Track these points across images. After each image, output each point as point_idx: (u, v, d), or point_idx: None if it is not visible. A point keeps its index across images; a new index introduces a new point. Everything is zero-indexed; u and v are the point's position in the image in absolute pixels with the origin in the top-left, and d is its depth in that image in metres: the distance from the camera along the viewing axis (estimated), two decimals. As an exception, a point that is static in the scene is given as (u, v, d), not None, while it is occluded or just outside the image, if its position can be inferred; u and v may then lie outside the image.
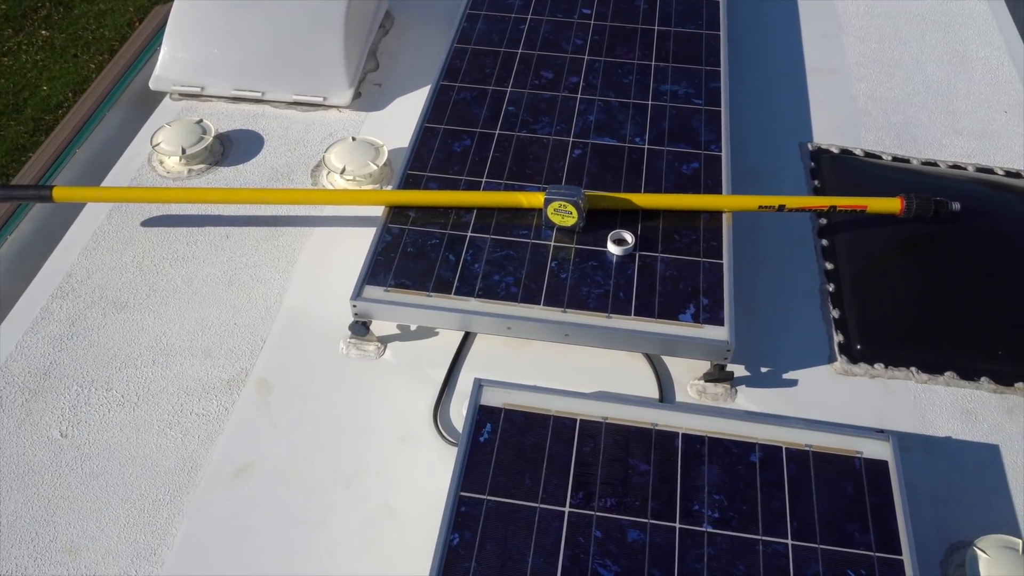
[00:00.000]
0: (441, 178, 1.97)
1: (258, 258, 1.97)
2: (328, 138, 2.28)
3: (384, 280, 1.76)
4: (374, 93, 2.41)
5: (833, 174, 2.17)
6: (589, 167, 2.00)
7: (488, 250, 1.81)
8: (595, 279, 1.76)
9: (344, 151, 2.13)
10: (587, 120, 2.12)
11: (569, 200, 1.80)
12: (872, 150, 2.26)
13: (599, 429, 1.53)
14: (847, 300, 1.88)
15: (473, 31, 2.39)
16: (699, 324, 1.68)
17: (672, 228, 1.86)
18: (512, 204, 1.88)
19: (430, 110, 2.15)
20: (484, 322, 1.71)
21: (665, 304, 1.71)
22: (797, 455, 1.50)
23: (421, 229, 1.86)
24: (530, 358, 1.78)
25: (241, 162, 2.21)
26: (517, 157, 2.02)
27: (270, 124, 2.31)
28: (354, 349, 1.79)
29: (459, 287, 1.74)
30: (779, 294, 1.91)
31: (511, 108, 2.15)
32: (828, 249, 1.99)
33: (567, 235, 1.85)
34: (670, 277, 1.76)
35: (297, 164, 2.20)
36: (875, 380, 1.76)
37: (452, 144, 2.06)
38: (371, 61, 2.50)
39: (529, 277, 1.76)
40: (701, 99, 2.19)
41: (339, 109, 2.36)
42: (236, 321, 1.84)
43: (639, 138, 2.08)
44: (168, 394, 1.72)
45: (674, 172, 1.99)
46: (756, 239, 2.02)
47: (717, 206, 1.88)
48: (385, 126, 2.31)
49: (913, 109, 2.41)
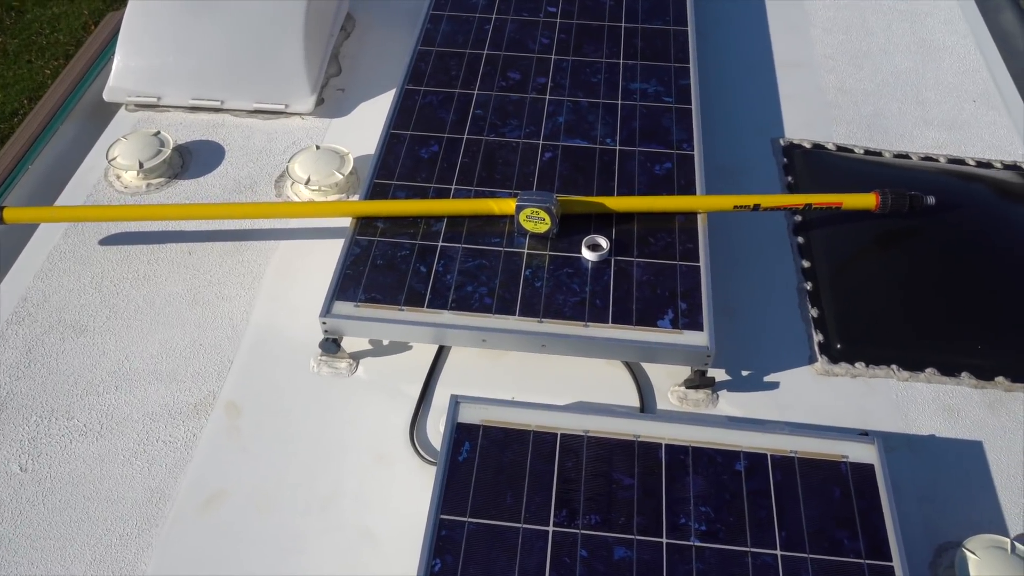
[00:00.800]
0: (409, 186, 1.92)
1: (222, 274, 1.91)
2: (291, 147, 2.21)
3: (354, 295, 1.70)
4: (337, 98, 2.35)
5: (806, 170, 2.15)
6: (560, 170, 1.96)
7: (460, 260, 1.77)
8: (571, 287, 1.72)
9: (308, 160, 2.07)
10: (556, 122, 2.08)
11: (541, 206, 1.76)
12: (844, 144, 2.24)
13: (580, 443, 1.49)
14: (825, 298, 1.86)
15: (437, 32, 2.34)
16: (678, 330, 1.65)
17: (647, 231, 1.83)
18: (483, 212, 1.84)
19: (395, 115, 2.09)
20: (459, 335, 1.66)
21: (643, 310, 1.68)
22: (782, 462, 1.47)
23: (390, 240, 1.81)
24: (507, 369, 1.74)
25: (202, 174, 2.14)
26: (486, 162, 1.98)
27: (231, 134, 2.24)
28: (325, 367, 1.73)
29: (432, 299, 1.70)
30: (757, 294, 1.89)
31: (479, 111, 2.11)
32: (804, 246, 1.97)
33: (540, 242, 1.80)
34: (647, 282, 1.73)
35: (260, 175, 2.14)
36: (856, 379, 1.74)
37: (419, 150, 2.01)
38: (333, 65, 2.44)
39: (503, 287, 1.72)
40: (671, 97, 2.15)
41: (302, 116, 2.29)
42: (202, 342, 1.78)
43: (610, 139, 2.04)
44: (133, 421, 1.65)
45: (647, 173, 1.95)
46: (731, 238, 2.00)
47: (692, 207, 1.85)
48: (350, 133, 2.25)
49: (883, 100, 2.39)
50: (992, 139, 2.28)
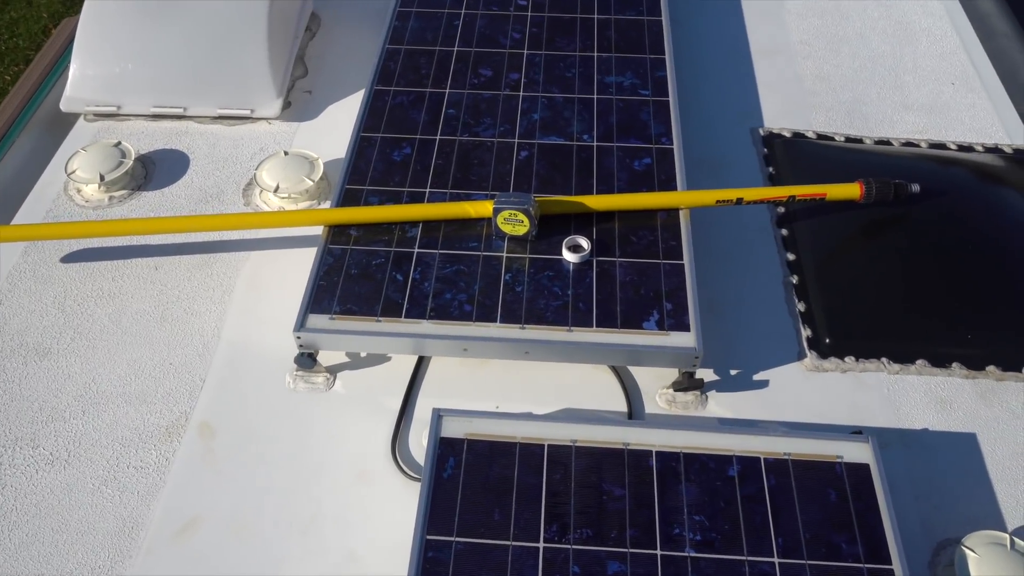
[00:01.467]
0: (382, 191, 1.86)
1: (191, 289, 1.84)
2: (259, 153, 2.14)
3: (329, 307, 1.64)
4: (304, 101, 2.28)
5: (787, 160, 2.11)
6: (537, 169, 1.91)
7: (437, 266, 1.71)
8: (552, 290, 1.67)
9: (276, 167, 2.00)
10: (531, 119, 2.02)
11: (519, 208, 1.70)
12: (824, 132, 2.20)
13: (569, 454, 1.44)
14: (812, 292, 1.82)
15: (405, 30, 2.27)
16: (664, 331, 1.60)
17: (628, 229, 1.78)
18: (459, 215, 1.78)
19: (365, 117, 2.03)
20: (439, 345, 1.61)
21: (627, 312, 1.63)
22: (776, 465, 1.43)
23: (364, 248, 1.75)
24: (490, 377, 1.69)
25: (166, 185, 2.06)
26: (461, 163, 1.92)
27: (195, 142, 2.17)
28: (301, 382, 1.67)
29: (409, 309, 1.64)
30: (742, 289, 1.84)
31: (451, 111, 2.05)
32: (788, 239, 1.93)
33: (519, 244, 1.75)
34: (630, 283, 1.68)
35: (227, 183, 2.07)
36: (847, 374, 1.70)
37: (391, 153, 1.94)
38: (299, 67, 2.37)
39: (483, 293, 1.66)
40: (648, 90, 2.10)
41: (268, 121, 2.22)
42: (171, 360, 1.71)
43: (587, 135, 1.99)
44: (101, 447, 1.59)
45: (626, 169, 1.90)
46: (714, 232, 1.95)
47: (673, 203, 1.80)
48: (319, 136, 2.18)
49: (862, 86, 2.36)
50: (972, 122, 2.25)
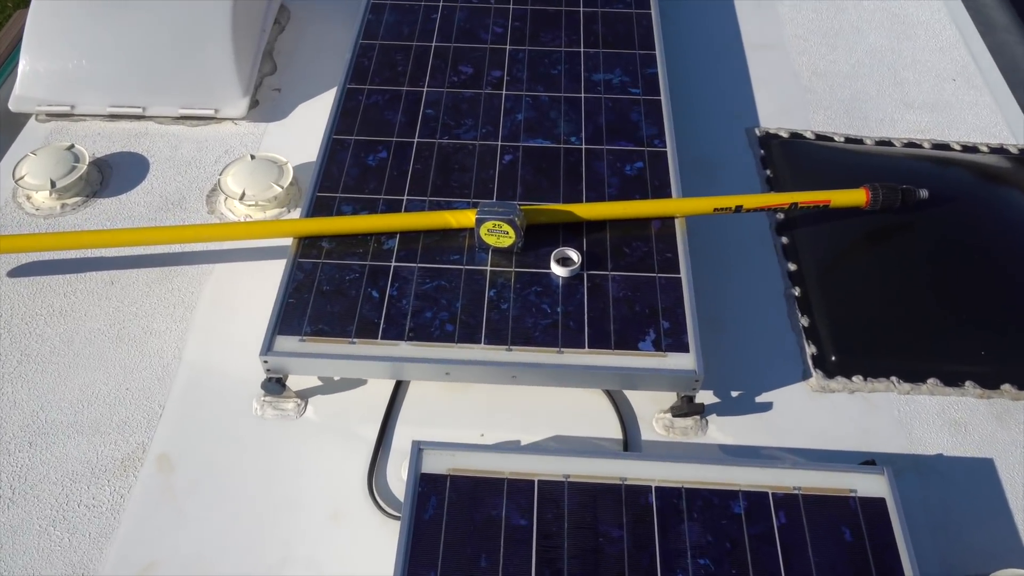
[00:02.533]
0: (356, 199, 1.73)
1: (150, 306, 1.70)
2: (224, 156, 2.00)
3: (298, 327, 1.51)
4: (273, 100, 2.14)
5: (785, 162, 2.00)
6: (522, 175, 1.78)
7: (416, 282, 1.58)
8: (540, 307, 1.55)
9: (242, 172, 1.87)
10: (515, 120, 1.90)
11: (504, 219, 1.58)
12: (823, 132, 2.09)
13: (561, 490, 1.32)
14: (816, 305, 1.71)
15: (380, 24, 2.14)
16: (661, 352, 1.49)
17: (621, 240, 1.66)
18: (439, 225, 1.66)
19: (337, 118, 1.89)
20: (418, 369, 1.48)
21: (622, 332, 1.51)
22: (786, 501, 1.32)
23: (337, 262, 1.62)
24: (474, 402, 1.57)
25: (124, 191, 1.92)
26: (441, 168, 1.79)
27: (155, 144, 2.02)
28: (270, 409, 1.54)
29: (386, 329, 1.51)
30: (741, 303, 1.73)
31: (429, 111, 1.92)
32: (789, 247, 1.82)
33: (505, 257, 1.63)
34: (624, 299, 1.56)
35: (190, 189, 1.93)
36: (855, 395, 1.60)
37: (365, 157, 1.81)
38: (267, 63, 2.23)
39: (466, 311, 1.54)
40: (638, 88, 1.98)
41: (234, 121, 2.08)
42: (128, 385, 1.58)
43: (575, 137, 1.86)
44: (50, 483, 1.45)
45: (617, 174, 1.79)
46: (709, 240, 1.84)
47: (668, 211, 1.69)
48: (289, 138, 2.05)
49: (860, 82, 2.25)
50: (976, 120, 2.15)
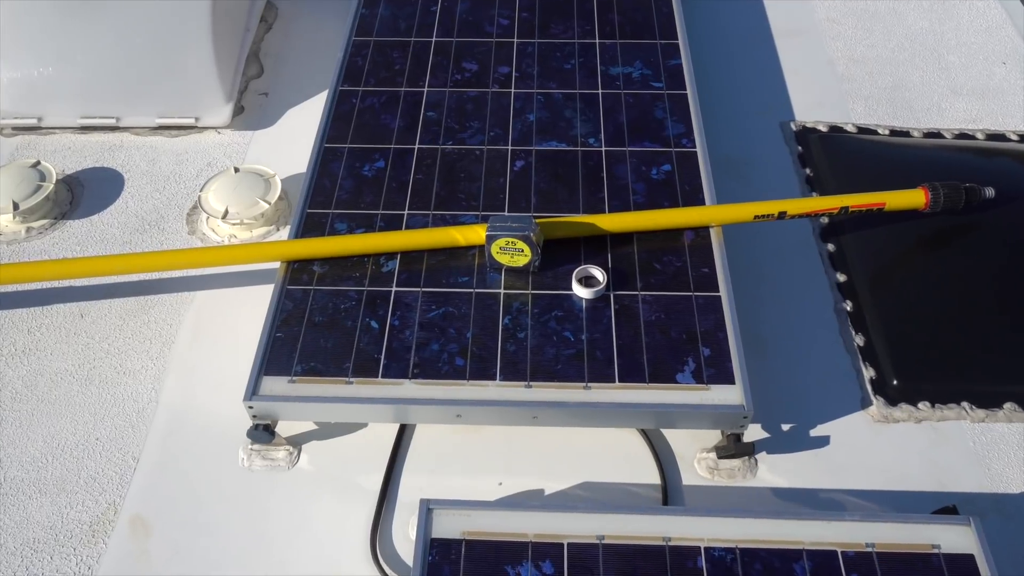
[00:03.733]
0: (351, 215, 1.54)
1: (124, 342, 1.52)
2: (206, 169, 1.82)
3: (287, 366, 1.33)
4: (260, 106, 1.95)
5: (826, 159, 1.80)
6: (537, 182, 1.59)
7: (421, 309, 1.40)
8: (563, 335, 1.36)
9: (225, 187, 1.68)
10: (527, 120, 1.71)
11: (518, 235, 1.39)
12: (865, 124, 1.90)
13: (595, 554, 1.14)
14: (871, 322, 1.52)
15: (374, 18, 1.95)
16: (703, 385, 1.30)
17: (651, 255, 1.47)
18: (445, 243, 1.47)
19: (329, 124, 1.71)
20: (426, 411, 1.30)
21: (656, 362, 1.32)
22: (859, 561, 1.13)
23: (331, 288, 1.43)
24: (490, 445, 1.38)
25: (96, 211, 1.74)
26: (445, 178, 1.60)
27: (131, 158, 1.84)
28: (258, 459, 1.36)
29: (388, 366, 1.33)
30: (786, 321, 1.54)
31: (431, 113, 1.73)
32: (836, 255, 1.63)
33: (520, 277, 1.44)
34: (657, 322, 1.37)
35: (169, 207, 1.74)
36: (922, 425, 1.40)
37: (361, 167, 1.63)
38: (253, 65, 2.04)
39: (477, 342, 1.35)
40: (661, 81, 1.79)
41: (217, 130, 1.90)
42: (98, 434, 1.40)
43: (593, 138, 1.67)
44: (8, 552, 1.27)
45: (642, 179, 1.59)
46: (744, 250, 1.65)
47: (703, 220, 1.50)
48: (278, 147, 1.86)
49: (901, 69, 2.05)
50: (1032, 107, 1.95)
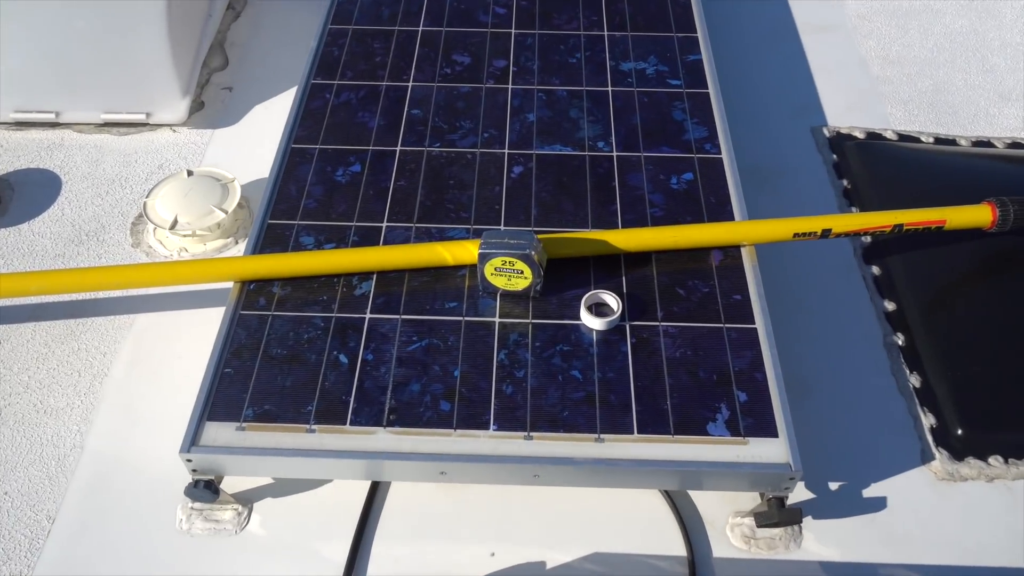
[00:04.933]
0: (320, 227, 1.31)
1: (47, 374, 1.29)
2: (157, 172, 1.59)
3: (236, 410, 1.10)
4: (223, 102, 1.73)
5: (865, 169, 1.58)
6: (537, 192, 1.37)
7: (399, 340, 1.17)
8: (569, 375, 1.13)
9: (175, 193, 1.45)
10: (526, 121, 1.49)
11: (516, 253, 1.16)
12: (907, 131, 1.68)
13: (612, 657, 0.91)
14: (927, 358, 1.29)
15: (354, 5, 1.72)
16: (740, 438, 1.07)
17: (673, 278, 1.24)
18: (430, 262, 1.24)
19: (297, 122, 1.48)
20: (403, 467, 1.06)
21: (683, 408, 1.10)
22: (941, 669, 0.90)
23: (293, 315, 1.20)
24: (481, 508, 1.15)
25: (27, 219, 1.50)
26: (431, 185, 1.38)
27: (71, 158, 1.61)
28: (200, 520, 1.13)
29: (358, 411, 1.09)
30: (829, 357, 1.32)
31: (416, 111, 1.50)
32: (883, 280, 1.41)
33: (518, 304, 1.21)
34: (683, 360, 1.15)
35: (111, 215, 1.51)
36: (995, 484, 1.18)
37: (333, 172, 1.40)
38: (216, 56, 1.81)
39: (467, 382, 1.12)
40: (679, 78, 1.57)
41: (172, 128, 1.66)
42: (6, 487, 1.16)
43: (603, 142, 1.45)
44: None
45: (660, 189, 1.37)
46: (776, 273, 1.43)
47: (734, 238, 1.27)
48: (240, 149, 1.63)
49: (942, 71, 1.84)
50: (1090, 114, 1.75)
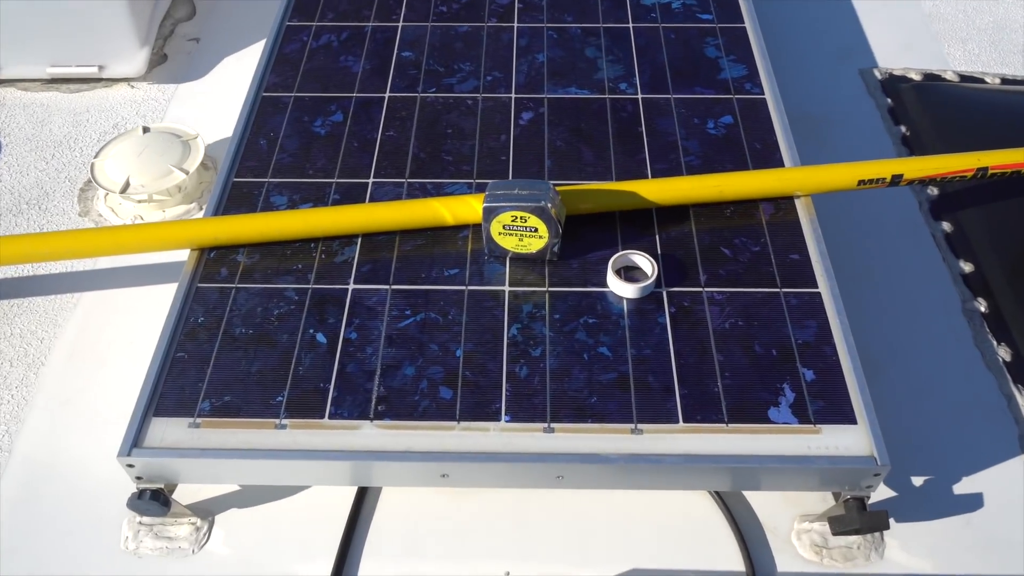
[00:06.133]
0: (294, 184, 1.11)
1: (-26, 364, 1.09)
2: (112, 133, 1.39)
3: (189, 403, 0.89)
4: (189, 54, 1.52)
5: (925, 113, 1.38)
6: (551, 140, 1.16)
7: (390, 315, 0.97)
8: (597, 352, 0.93)
9: (128, 152, 1.25)
10: (535, 62, 1.28)
11: (528, 206, 0.96)
12: (968, 71, 1.47)
13: None
14: (1018, 328, 1.09)
15: (335, -59, 1.51)
16: (811, 425, 0.87)
17: (716, 236, 1.04)
18: (426, 221, 1.04)
19: (270, 67, 1.27)
20: (396, 470, 0.86)
21: (738, 391, 0.89)
22: None
23: (261, 287, 1.00)
24: (490, 517, 0.95)
25: (-39, 187, 1.30)
26: (426, 135, 1.17)
27: (13, 119, 1.40)
28: (149, 538, 0.93)
29: (339, 400, 0.89)
30: (902, 328, 1.11)
31: (407, 54, 1.30)
32: (956, 238, 1.20)
33: (533, 269, 1.01)
34: (733, 333, 0.94)
35: (57, 181, 1.31)
36: (1112, 475, 0.98)
37: (311, 122, 1.19)
38: (182, 5, 1.61)
39: (472, 364, 0.92)
40: (709, 12, 1.36)
41: (130, 83, 1.46)
42: (-80, 502, 0.96)
43: (625, 83, 1.24)
44: None
45: (695, 135, 1.17)
46: (830, 232, 1.22)
47: (787, 187, 1.07)
48: (207, 105, 1.43)
49: (1002, 6, 1.63)
50: None
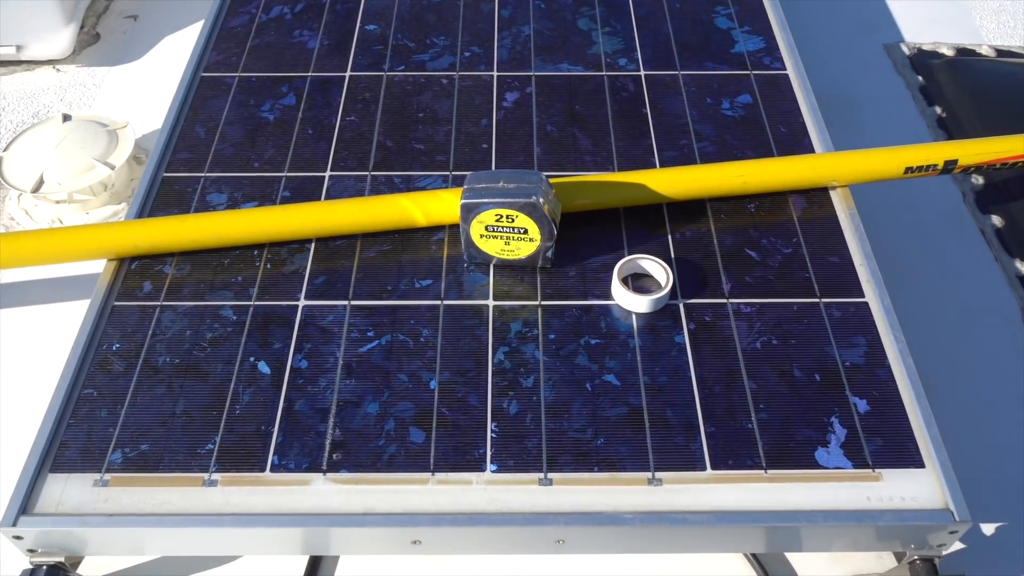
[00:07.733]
0: (236, 179, 0.93)
1: None
2: (31, 121, 1.20)
3: (95, 456, 0.72)
4: (124, 33, 1.33)
5: (960, 92, 1.22)
6: (541, 124, 0.99)
7: (348, 339, 0.79)
8: (602, 382, 0.76)
9: (42, 144, 1.06)
10: (519, 35, 1.11)
11: (518, 204, 0.79)
12: (1005, 45, 1.32)
13: None
14: (1092, 338, 0.93)
15: (290, -97, 1.33)
16: (868, 470, 0.70)
17: (740, 236, 0.87)
18: (392, 222, 0.86)
19: (211, 44, 1.09)
20: (355, 537, 0.69)
21: (776, 427, 0.73)
22: None
23: (191, 304, 0.82)
24: (474, 577, 0.78)
25: None
26: (393, 120, 1.00)
27: (-84, 107, 1.22)
28: (51, 620, 0.75)
29: (284, 447, 0.72)
30: (955, 340, 0.95)
31: (371, 27, 1.12)
32: (1007, 233, 1.04)
33: (521, 279, 0.84)
34: (766, 353, 0.77)
35: (-35, 179, 1.12)
36: None
37: (258, 106, 1.01)
38: (117, -22, 1.42)
39: (449, 398, 0.75)
40: (718, -20, 1.20)
41: (55, 66, 1.28)
42: None
43: (625, 58, 1.07)
44: None
45: (709, 117, 1.00)
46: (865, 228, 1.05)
47: (821, 177, 0.90)
48: (143, 90, 1.25)
49: (1035, -25, 1.48)
50: None
